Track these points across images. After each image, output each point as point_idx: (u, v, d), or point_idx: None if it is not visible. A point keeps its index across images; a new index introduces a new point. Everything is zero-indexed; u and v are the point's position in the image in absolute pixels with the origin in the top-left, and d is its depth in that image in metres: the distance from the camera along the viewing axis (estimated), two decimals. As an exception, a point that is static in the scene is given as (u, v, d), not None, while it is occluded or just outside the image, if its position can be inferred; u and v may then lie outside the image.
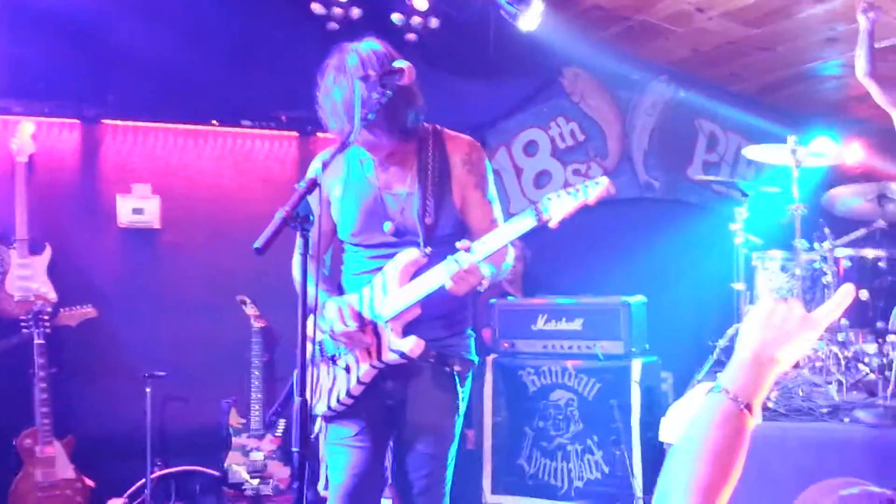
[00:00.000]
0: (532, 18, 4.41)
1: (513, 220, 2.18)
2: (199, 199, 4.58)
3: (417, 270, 2.28)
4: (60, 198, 4.33)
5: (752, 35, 5.00)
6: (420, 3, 4.46)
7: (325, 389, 2.40)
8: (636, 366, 3.85)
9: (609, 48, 5.29)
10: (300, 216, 1.81)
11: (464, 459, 2.55)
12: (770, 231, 3.99)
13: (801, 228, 3.44)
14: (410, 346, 2.26)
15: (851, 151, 5.65)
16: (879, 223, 3.75)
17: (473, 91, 5.01)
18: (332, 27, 4.43)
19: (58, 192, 4.33)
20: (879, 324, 3.26)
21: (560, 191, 2.13)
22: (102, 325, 4.19)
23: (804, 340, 1.20)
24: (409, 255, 2.29)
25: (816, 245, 3.51)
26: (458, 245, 2.18)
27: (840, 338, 3.30)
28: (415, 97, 2.26)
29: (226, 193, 4.63)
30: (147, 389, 3.94)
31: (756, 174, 5.87)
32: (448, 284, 2.18)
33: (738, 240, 3.91)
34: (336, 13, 4.41)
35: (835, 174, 5.29)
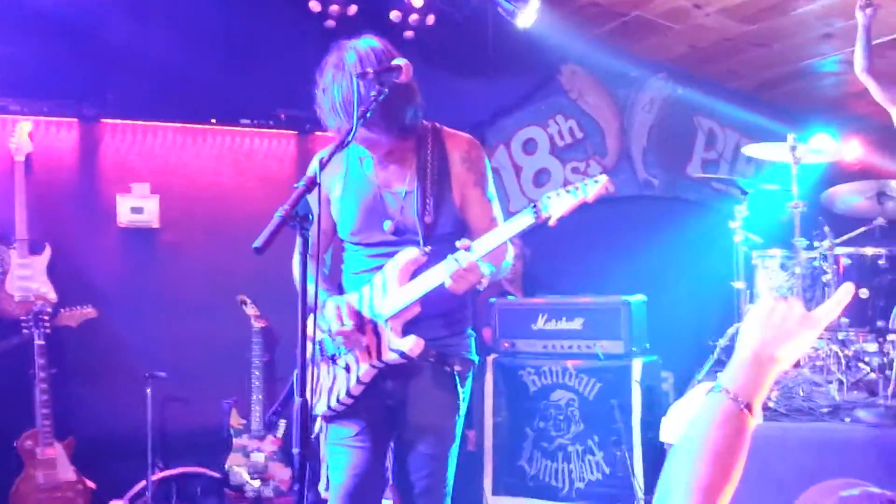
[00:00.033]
0: (529, 15, 4.40)
1: (512, 219, 2.18)
2: (199, 198, 4.57)
3: (417, 269, 2.28)
4: (59, 197, 4.32)
5: (749, 31, 5.00)
6: (417, 0, 4.45)
7: (325, 389, 2.39)
8: (637, 365, 3.84)
9: (606, 45, 5.29)
10: (299, 215, 1.80)
11: (464, 460, 2.55)
12: (770, 229, 3.98)
13: (801, 226, 3.43)
14: (410, 346, 2.25)
15: (850, 148, 5.66)
16: (879, 221, 3.75)
17: (471, 89, 5.01)
18: (330, 25, 4.43)
19: (57, 192, 4.32)
20: (880, 322, 3.25)
21: (559, 189, 2.13)
22: (102, 326, 4.18)
23: (804, 339, 1.20)
24: (409, 254, 2.29)
25: (816, 243, 3.51)
26: (458, 244, 2.18)
27: (840, 336, 3.30)
28: (413, 95, 2.26)
29: (225, 192, 4.62)
30: (147, 390, 3.94)
31: (755, 171, 5.87)
32: (448, 283, 2.18)
33: (738, 238, 3.91)
34: (333, 11, 4.41)
35: (834, 171, 5.29)
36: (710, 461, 1.09)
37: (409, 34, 4.52)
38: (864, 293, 3.26)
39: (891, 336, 3.17)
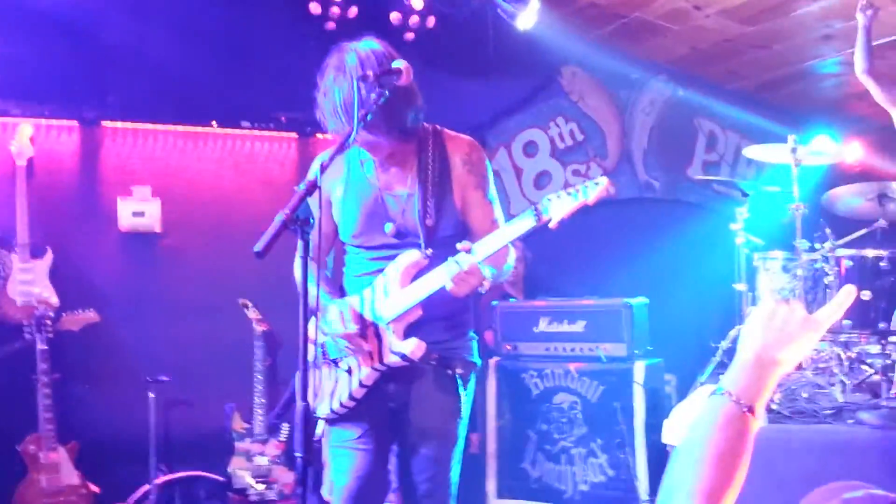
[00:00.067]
0: (529, 17, 4.40)
1: (513, 221, 2.18)
2: (200, 202, 4.57)
3: (419, 272, 2.28)
4: (61, 201, 4.32)
5: (749, 33, 5.00)
6: (416, 2, 4.46)
7: (328, 392, 2.39)
8: (639, 368, 3.83)
9: (606, 46, 5.29)
10: (300, 219, 1.80)
11: (468, 463, 2.55)
12: (771, 231, 3.98)
13: (802, 228, 3.43)
14: (412, 349, 2.25)
15: (851, 150, 5.65)
16: (880, 223, 3.75)
17: (472, 91, 5.00)
18: (330, 27, 4.43)
19: (58, 196, 4.32)
20: (882, 324, 3.24)
21: (560, 191, 2.14)
22: (105, 330, 4.17)
23: (806, 342, 1.19)
24: (411, 257, 2.29)
25: (817, 245, 3.50)
26: (459, 246, 2.18)
27: (843, 339, 3.29)
28: (413, 97, 2.26)
29: (226, 195, 4.62)
30: (150, 394, 3.93)
31: (756, 173, 5.86)
32: (449, 286, 2.18)
33: (739, 240, 3.90)
34: (334, 13, 4.41)
35: (835, 173, 5.28)
36: (713, 464, 1.09)
37: (410, 36, 4.52)
38: (866, 295, 3.26)
39: (893, 338, 3.17)
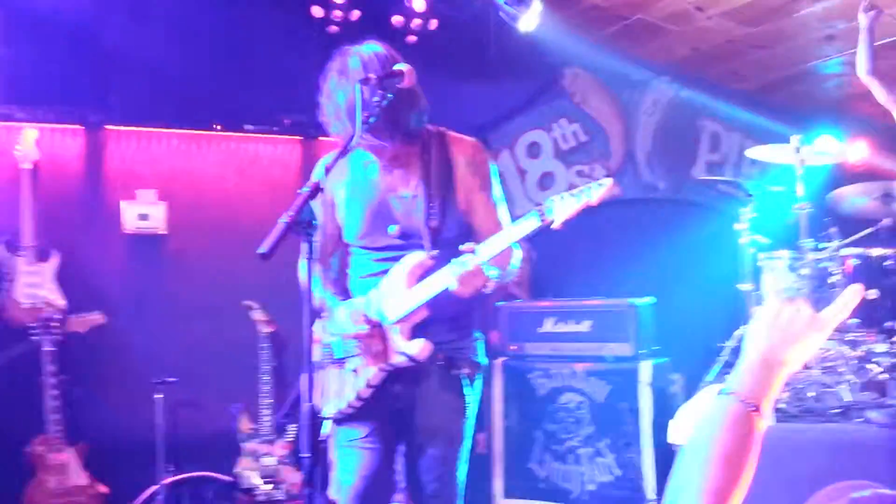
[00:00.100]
0: (531, 19, 4.40)
1: (517, 222, 2.19)
2: (204, 205, 4.58)
3: (424, 273, 2.28)
4: (66, 204, 4.33)
5: (751, 34, 4.99)
6: (418, 4, 4.46)
7: (334, 392, 2.40)
8: (645, 368, 3.83)
9: (608, 48, 5.29)
10: (304, 221, 1.81)
11: (474, 463, 2.55)
12: (776, 231, 3.97)
13: (808, 228, 3.42)
14: (418, 349, 2.26)
15: (855, 149, 5.64)
16: (885, 222, 3.74)
17: (474, 93, 5.01)
18: (333, 30, 4.44)
19: (63, 199, 4.33)
20: (889, 323, 3.24)
21: (563, 193, 2.15)
22: (111, 332, 4.19)
23: (812, 341, 1.19)
24: (416, 258, 2.30)
25: (823, 244, 3.50)
26: (463, 247, 2.18)
27: (850, 338, 3.28)
28: (416, 100, 2.26)
29: (230, 198, 4.63)
30: (157, 395, 3.94)
31: (761, 173, 5.85)
32: (453, 286, 2.18)
33: (744, 240, 3.90)
34: (336, 16, 4.42)
35: (839, 173, 5.27)
36: (720, 464, 1.09)
37: (412, 39, 4.53)
38: (873, 294, 3.25)
39: (899, 336, 3.16)
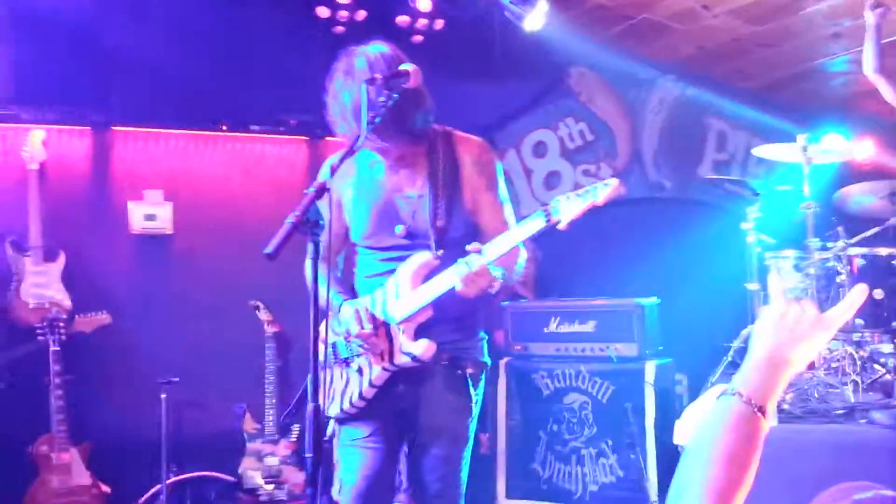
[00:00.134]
0: (536, 18, 4.40)
1: (523, 222, 2.19)
2: (211, 205, 4.59)
3: (430, 273, 2.28)
4: (73, 205, 4.35)
5: (757, 32, 4.98)
6: (423, 4, 4.46)
7: (339, 392, 2.40)
8: (650, 368, 3.82)
9: (614, 47, 5.28)
10: (310, 221, 1.81)
11: (478, 463, 2.55)
12: (783, 230, 3.96)
13: (814, 227, 3.41)
14: (422, 349, 2.26)
15: (862, 148, 5.61)
16: (893, 221, 3.72)
17: (480, 93, 5.01)
18: (339, 30, 4.45)
19: (70, 199, 4.35)
20: (895, 323, 3.22)
21: (569, 193, 2.15)
22: (117, 332, 4.20)
23: (818, 341, 1.19)
24: (422, 258, 2.30)
25: (829, 244, 3.49)
26: (469, 247, 2.18)
27: (855, 338, 3.27)
28: (422, 100, 2.26)
29: (237, 198, 4.64)
30: (162, 395, 3.95)
31: (767, 172, 5.84)
32: (458, 287, 2.18)
33: (751, 239, 3.89)
34: (342, 16, 4.43)
35: (846, 171, 5.25)
36: (724, 464, 1.08)
37: (418, 39, 4.53)
38: (879, 294, 3.24)
39: (906, 337, 3.15)
